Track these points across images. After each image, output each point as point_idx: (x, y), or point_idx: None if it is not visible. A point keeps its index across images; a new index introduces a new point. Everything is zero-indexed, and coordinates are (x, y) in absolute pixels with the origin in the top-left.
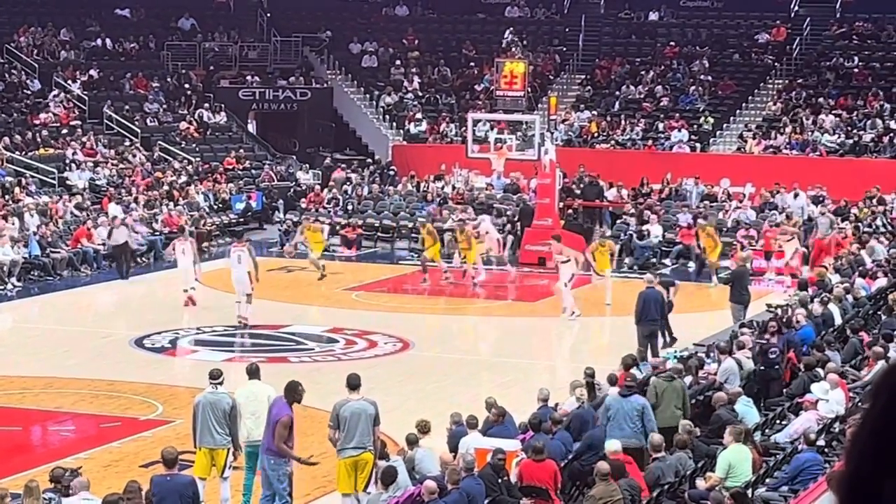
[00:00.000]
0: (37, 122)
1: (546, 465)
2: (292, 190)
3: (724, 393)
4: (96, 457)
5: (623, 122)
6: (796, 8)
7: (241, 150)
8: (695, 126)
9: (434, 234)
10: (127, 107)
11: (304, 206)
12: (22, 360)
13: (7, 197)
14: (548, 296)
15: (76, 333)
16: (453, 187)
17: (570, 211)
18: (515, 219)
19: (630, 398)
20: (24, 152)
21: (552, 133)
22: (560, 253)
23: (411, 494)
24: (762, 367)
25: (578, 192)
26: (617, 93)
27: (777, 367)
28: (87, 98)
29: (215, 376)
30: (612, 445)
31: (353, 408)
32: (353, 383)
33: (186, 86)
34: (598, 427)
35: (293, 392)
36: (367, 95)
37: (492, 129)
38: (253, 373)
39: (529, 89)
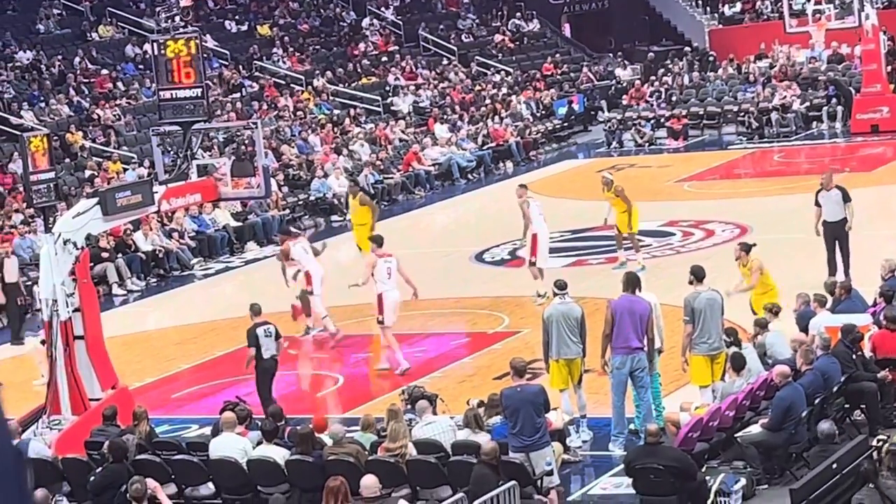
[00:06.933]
0: (356, 52)
1: None
2: (613, 88)
3: None
4: (450, 373)
5: None
6: None
7: (558, 55)
8: None
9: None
10: (441, 26)
11: (626, 102)
12: (368, 288)
13: (336, 129)
14: (884, 163)
15: (418, 255)
16: (771, 66)
17: None
18: (836, 92)
19: None
20: (346, 84)
21: None
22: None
23: (765, 380)
24: None
25: None
26: None
27: None
28: (401, 23)
29: (562, 287)
30: None
31: (705, 298)
32: (699, 275)
33: None
34: None
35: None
36: None
37: (808, 0)
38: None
39: None
